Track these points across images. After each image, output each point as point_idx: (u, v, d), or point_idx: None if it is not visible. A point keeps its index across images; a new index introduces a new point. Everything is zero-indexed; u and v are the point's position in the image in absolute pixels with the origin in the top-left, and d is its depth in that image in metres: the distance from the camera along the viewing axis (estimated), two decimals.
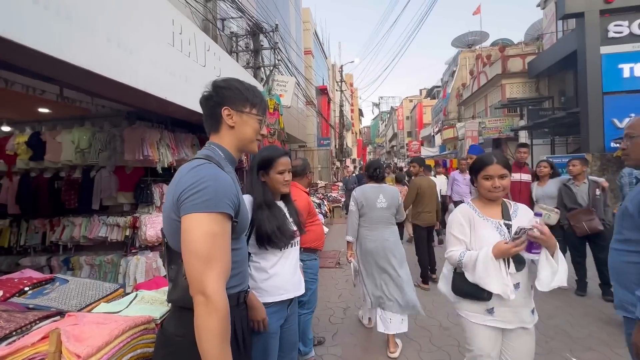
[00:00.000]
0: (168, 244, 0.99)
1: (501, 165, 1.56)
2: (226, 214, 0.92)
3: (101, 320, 0.93)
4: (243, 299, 1.09)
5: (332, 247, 6.24)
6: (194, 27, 3.04)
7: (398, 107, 52.44)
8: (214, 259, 0.87)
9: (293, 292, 1.50)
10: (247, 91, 1.10)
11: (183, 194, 0.90)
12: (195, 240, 0.86)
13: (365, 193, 2.80)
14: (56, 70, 1.89)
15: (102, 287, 1.24)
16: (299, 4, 14.93)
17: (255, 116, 1.10)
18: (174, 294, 0.96)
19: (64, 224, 3.68)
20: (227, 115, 1.06)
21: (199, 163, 0.95)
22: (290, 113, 10.77)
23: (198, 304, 0.84)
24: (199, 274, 0.85)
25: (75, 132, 3.51)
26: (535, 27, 18.39)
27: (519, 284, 1.51)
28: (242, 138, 1.09)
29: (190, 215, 0.88)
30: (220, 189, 0.92)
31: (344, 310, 3.42)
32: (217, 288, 0.86)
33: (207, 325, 0.83)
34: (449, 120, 23.73)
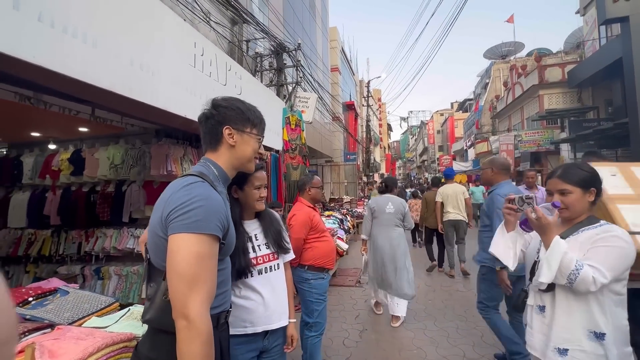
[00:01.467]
0: (150, 260, 0.98)
1: (561, 179, 1.35)
2: (215, 236, 0.90)
3: (82, 336, 0.93)
4: (224, 319, 1.05)
5: (353, 264, 6.06)
6: (215, 48, 3.20)
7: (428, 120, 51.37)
8: (200, 281, 0.85)
9: (264, 325, 1.32)
10: (248, 111, 1.12)
11: (173, 213, 0.88)
12: (181, 261, 0.84)
13: (377, 201, 3.73)
14: (84, 92, 2.05)
15: (98, 301, 1.26)
16: (326, 24, 15.38)
17: (256, 136, 1.11)
18: (149, 314, 0.93)
19: (97, 235, 3.93)
20: (228, 134, 1.07)
21: (192, 181, 0.95)
22: (316, 129, 10.92)
23: (180, 328, 0.82)
24: (183, 296, 0.83)
25: (110, 149, 3.79)
26: (575, 35, 17.44)
27: (544, 307, 1.34)
28: (241, 157, 1.09)
29: (179, 235, 0.86)
30: (211, 209, 0.90)
31: (359, 332, 3.25)
32: (201, 312, 0.83)
33: (190, 350, 0.80)
34: (482, 133, 22.77)
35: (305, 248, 2.27)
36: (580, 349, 1.23)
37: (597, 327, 1.22)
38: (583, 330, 1.24)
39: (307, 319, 2.25)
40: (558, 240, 1.23)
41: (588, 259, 1.22)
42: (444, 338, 3.09)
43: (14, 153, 4.30)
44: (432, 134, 46.82)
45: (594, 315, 1.23)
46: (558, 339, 1.28)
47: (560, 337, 1.27)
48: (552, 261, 1.21)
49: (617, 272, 1.21)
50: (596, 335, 1.22)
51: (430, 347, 2.92)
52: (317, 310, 2.22)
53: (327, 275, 2.33)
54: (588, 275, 1.17)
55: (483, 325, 3.32)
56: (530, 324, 1.41)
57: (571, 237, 1.33)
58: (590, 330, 1.23)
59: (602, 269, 1.18)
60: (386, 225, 3.54)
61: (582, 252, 1.26)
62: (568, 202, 1.32)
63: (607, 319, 1.22)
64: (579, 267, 1.18)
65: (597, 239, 1.25)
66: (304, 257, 2.25)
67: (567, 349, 1.25)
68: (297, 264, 2.31)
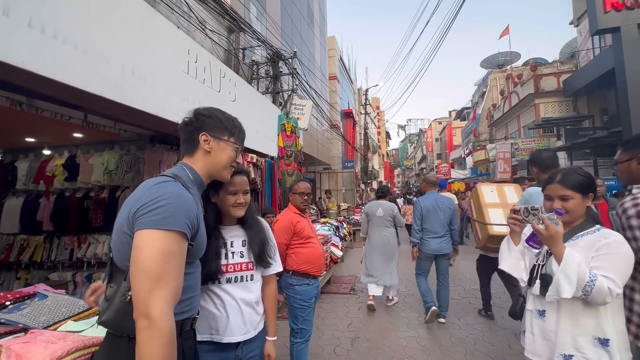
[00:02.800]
0: (113, 259, 0.95)
1: (562, 185, 1.34)
2: (183, 234, 0.88)
3: (53, 340, 0.91)
4: (189, 326, 1.01)
5: (348, 271, 6.02)
6: (209, 55, 3.24)
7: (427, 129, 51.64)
8: (165, 279, 0.81)
9: (228, 337, 1.25)
10: (227, 120, 1.14)
11: (142, 209, 0.86)
12: (147, 258, 0.81)
13: (370, 207, 4.47)
14: (76, 97, 2.07)
15: (77, 305, 1.24)
16: (325, 33, 15.59)
17: (232, 144, 1.12)
18: (106, 315, 0.88)
19: (89, 241, 3.90)
20: (204, 140, 1.08)
21: (164, 180, 0.94)
22: (314, 136, 10.96)
23: (141, 329, 0.77)
24: (146, 294, 0.79)
25: (105, 154, 3.80)
26: (570, 45, 17.72)
27: (544, 311, 1.32)
28: (216, 164, 1.10)
29: (145, 231, 0.83)
30: (181, 207, 0.89)
31: (351, 340, 3.20)
32: (164, 311, 0.79)
33: (151, 351, 0.76)
34: (480, 141, 22.89)
35: (289, 254, 2.27)
36: (585, 357, 1.21)
37: (602, 333, 1.21)
38: (588, 337, 1.22)
39: (293, 325, 2.23)
40: (571, 253, 1.21)
41: (598, 268, 1.20)
42: (436, 347, 3.05)
43: (8, 158, 4.30)
44: (430, 142, 47.03)
45: (600, 320, 1.22)
46: (564, 344, 1.25)
47: (567, 343, 1.25)
48: (570, 274, 1.18)
49: (626, 278, 1.20)
50: (600, 341, 1.21)
51: (422, 356, 2.89)
52: (302, 316, 2.19)
53: (314, 282, 2.28)
54: (604, 286, 1.15)
55: (475, 334, 3.29)
56: (530, 329, 1.38)
57: (570, 242, 1.32)
58: (595, 336, 1.22)
59: (616, 279, 1.17)
60: (378, 226, 4.29)
61: (586, 258, 1.25)
62: (569, 207, 1.33)
63: (611, 324, 1.22)
64: (594, 279, 1.16)
65: (602, 246, 1.24)
66: (288, 263, 2.24)
67: (572, 355, 1.24)
68: (283, 269, 2.29)
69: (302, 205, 2.30)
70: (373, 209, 4.33)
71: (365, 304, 4.17)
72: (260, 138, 4.51)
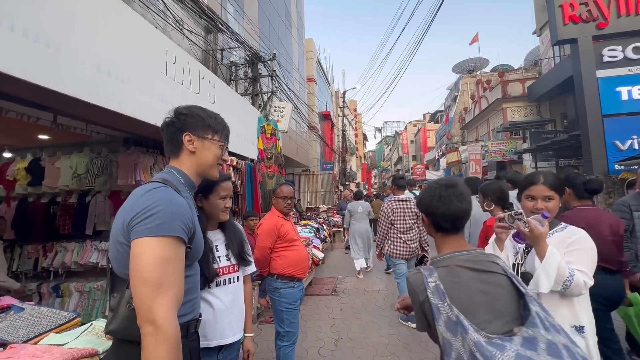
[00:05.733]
0: (113, 269, 0.95)
1: (547, 186, 1.43)
2: (180, 239, 0.89)
3: (38, 354, 0.87)
4: (194, 328, 1.03)
5: (329, 273, 6.07)
6: (188, 56, 3.17)
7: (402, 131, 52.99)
8: (166, 285, 0.83)
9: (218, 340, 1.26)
10: (209, 118, 1.11)
11: (135, 218, 0.86)
12: (146, 265, 0.82)
13: (353, 205, 6.29)
14: (47, 98, 1.96)
15: (57, 316, 1.18)
16: (302, 34, 15.62)
17: (217, 142, 1.10)
18: (113, 324, 0.90)
19: (56, 249, 3.68)
20: (188, 140, 1.07)
21: (155, 186, 0.94)
22: (293, 138, 10.94)
23: (146, 334, 0.78)
24: (148, 300, 0.80)
25: (73, 157, 3.59)
26: (533, 53, 18.81)
27: None
28: (202, 163, 1.08)
29: (142, 239, 0.84)
30: (175, 212, 0.90)
31: (335, 341, 3.24)
32: (168, 316, 0.80)
33: (157, 355, 0.77)
34: (453, 143, 23.81)
35: (274, 257, 2.26)
36: None
37: (578, 321, 1.31)
38: (566, 326, 1.28)
39: (279, 329, 2.22)
40: (553, 251, 1.27)
41: (571, 263, 1.30)
42: (416, 343, 3.15)
43: None
44: (406, 144, 48.28)
45: (574, 310, 1.32)
46: None
47: None
48: (550, 271, 1.25)
49: (593, 270, 1.32)
50: (577, 329, 1.30)
51: (404, 352, 2.97)
52: (288, 319, 2.19)
53: (298, 284, 2.30)
54: (580, 280, 1.25)
55: None
56: None
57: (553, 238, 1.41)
58: (572, 325, 1.31)
59: (588, 272, 1.29)
60: (359, 219, 6.09)
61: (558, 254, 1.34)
62: (551, 207, 1.42)
63: (584, 313, 1.33)
64: (572, 274, 1.26)
65: (572, 242, 1.35)
66: (273, 266, 2.23)
67: None
68: (267, 272, 2.29)
69: (286, 209, 2.31)
70: (355, 207, 6.20)
71: (347, 304, 4.35)
72: (240, 140, 4.45)
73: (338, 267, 6.60)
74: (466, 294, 0.95)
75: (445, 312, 0.92)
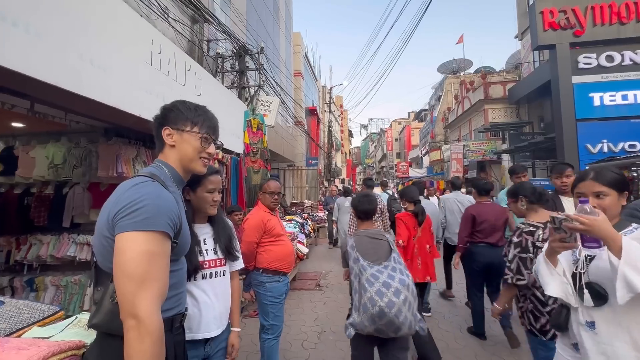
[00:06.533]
0: (97, 263, 0.94)
1: (595, 181, 1.24)
2: (165, 233, 0.89)
3: (24, 346, 0.86)
4: (179, 322, 1.03)
5: (313, 268, 6.13)
6: (174, 47, 3.10)
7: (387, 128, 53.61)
8: (149, 279, 0.83)
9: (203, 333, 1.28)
10: (187, 110, 1.10)
11: (121, 212, 0.86)
12: (129, 260, 0.82)
13: (340, 200, 6.69)
14: (25, 85, 1.88)
15: (40, 310, 1.16)
16: (290, 28, 15.46)
17: (196, 134, 1.09)
18: (97, 318, 0.89)
19: (31, 242, 3.53)
20: (167, 134, 1.06)
21: (141, 180, 0.93)
22: (279, 133, 10.87)
23: (129, 328, 0.79)
24: (131, 295, 0.80)
25: (50, 147, 3.45)
26: (515, 57, 19.41)
27: (593, 323, 1.17)
28: (183, 157, 1.08)
29: (127, 234, 0.84)
30: (161, 207, 0.89)
31: (318, 334, 3.30)
32: (151, 310, 0.81)
33: (140, 349, 0.77)
34: (436, 142, 24.33)
35: (260, 252, 2.28)
36: None
37: None
38: None
39: (263, 322, 2.25)
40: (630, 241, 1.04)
41: None
42: None
43: None
44: (390, 141, 48.91)
45: None
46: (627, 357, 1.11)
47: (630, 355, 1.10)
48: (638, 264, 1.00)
49: None
50: None
51: None
52: (273, 312, 2.22)
53: (284, 279, 2.33)
54: None
55: (435, 319, 3.56)
56: (582, 343, 1.22)
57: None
58: None
59: None
60: (346, 213, 5.95)
61: None
62: (605, 205, 1.20)
63: None
64: None
65: None
66: (259, 260, 2.25)
67: None
68: (252, 267, 2.30)
69: (273, 205, 2.32)
70: (342, 201, 6.58)
71: (330, 299, 4.43)
72: (225, 134, 4.40)
73: (322, 262, 6.67)
74: (364, 246, 1.96)
75: (353, 255, 1.92)
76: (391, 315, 1.67)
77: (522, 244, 1.95)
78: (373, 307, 1.70)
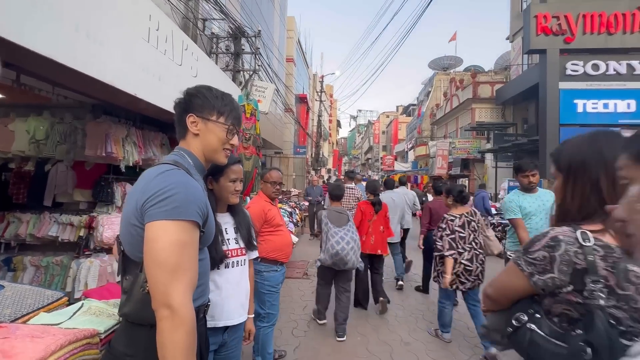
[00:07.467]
0: (125, 252, 0.92)
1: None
2: (195, 223, 0.88)
3: (37, 334, 0.83)
4: (203, 313, 1.04)
5: (300, 257, 6.17)
6: (172, 24, 2.96)
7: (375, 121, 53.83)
8: (182, 269, 0.82)
9: (225, 320, 1.31)
10: (214, 99, 1.07)
11: (150, 200, 0.84)
12: (161, 250, 0.81)
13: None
14: (13, 55, 1.75)
15: (43, 295, 1.11)
16: (285, 12, 15.04)
17: (222, 125, 1.06)
18: (127, 307, 0.89)
19: (8, 219, 3.36)
20: (191, 122, 1.03)
21: (168, 168, 0.91)
22: (268, 119, 10.69)
23: (162, 318, 0.78)
24: (164, 285, 0.79)
25: (31, 121, 3.25)
26: (504, 58, 19.74)
27: None
28: (206, 146, 1.05)
29: (157, 222, 0.82)
30: (190, 196, 0.88)
31: (307, 322, 3.36)
32: (184, 300, 0.80)
33: (173, 340, 0.77)
34: (422, 137, 24.68)
35: (259, 241, 2.28)
36: None
37: None
38: None
39: (260, 310, 2.27)
40: None
41: None
42: (384, 326, 3.36)
43: None
44: (377, 134, 49.20)
45: None
46: None
47: None
48: None
49: None
50: None
51: (372, 334, 3.17)
52: (269, 301, 2.25)
53: (281, 268, 2.35)
54: None
55: (418, 313, 3.70)
56: None
57: None
58: None
59: None
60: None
61: None
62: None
63: None
64: None
65: None
66: (258, 250, 2.26)
67: None
68: None
69: (274, 194, 2.31)
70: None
71: None
72: None
73: (308, 251, 6.72)
74: (332, 216, 3.13)
75: (324, 221, 3.07)
76: (342, 255, 2.90)
77: (449, 228, 2.87)
78: (332, 249, 2.91)
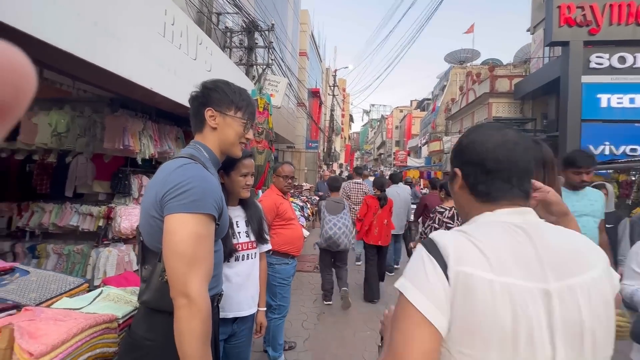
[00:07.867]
0: (144, 242, 0.96)
1: None
2: (211, 216, 0.92)
3: (60, 317, 0.89)
4: (216, 302, 1.08)
5: (311, 251, 6.21)
6: (187, 19, 2.99)
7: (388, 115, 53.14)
8: (199, 260, 0.86)
9: (235, 312, 1.36)
10: (233, 94, 1.09)
11: (169, 193, 0.88)
12: (180, 241, 0.85)
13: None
14: (37, 51, 1.81)
15: (66, 281, 1.18)
16: (298, 5, 14.95)
17: (240, 119, 1.09)
18: (146, 295, 0.94)
19: (33, 209, 3.52)
20: (210, 116, 1.05)
21: (185, 162, 0.94)
22: (281, 113, 10.72)
23: (180, 306, 0.83)
24: (182, 275, 0.84)
25: (53, 114, 3.37)
26: (524, 51, 19.04)
27: None
28: (224, 140, 1.08)
29: (176, 215, 0.86)
30: (207, 190, 0.92)
31: (317, 315, 3.41)
32: (201, 290, 0.85)
33: (190, 327, 0.82)
34: (436, 133, 24.22)
35: (271, 234, 2.31)
36: None
37: None
38: None
39: (271, 302, 2.31)
40: None
41: None
42: None
43: None
44: (390, 128, 48.59)
45: None
46: None
47: None
48: None
49: None
50: None
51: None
52: (280, 293, 2.29)
53: (292, 261, 2.39)
54: None
55: None
56: None
57: None
58: None
59: None
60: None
61: None
62: None
63: None
64: None
65: None
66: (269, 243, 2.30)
67: None
68: None
69: (286, 188, 2.34)
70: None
71: None
72: None
73: None
74: (330, 206, 3.74)
75: (323, 210, 3.78)
76: (334, 238, 3.49)
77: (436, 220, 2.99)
78: (326, 234, 3.53)
